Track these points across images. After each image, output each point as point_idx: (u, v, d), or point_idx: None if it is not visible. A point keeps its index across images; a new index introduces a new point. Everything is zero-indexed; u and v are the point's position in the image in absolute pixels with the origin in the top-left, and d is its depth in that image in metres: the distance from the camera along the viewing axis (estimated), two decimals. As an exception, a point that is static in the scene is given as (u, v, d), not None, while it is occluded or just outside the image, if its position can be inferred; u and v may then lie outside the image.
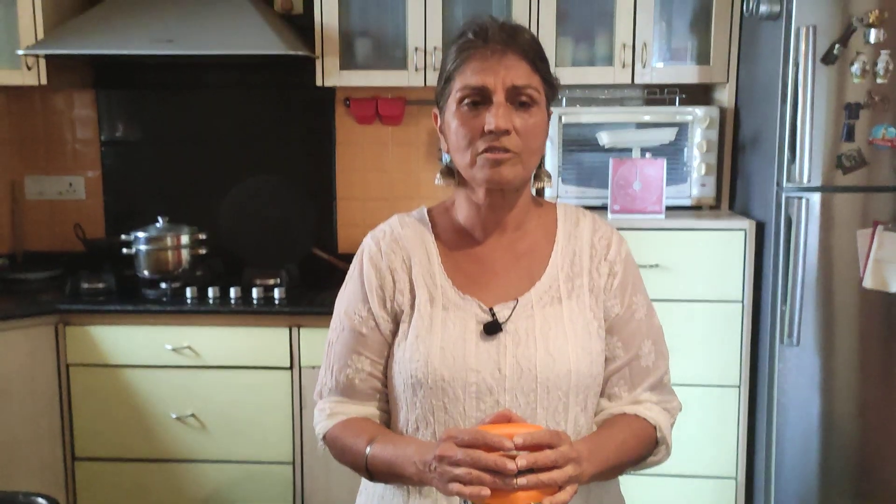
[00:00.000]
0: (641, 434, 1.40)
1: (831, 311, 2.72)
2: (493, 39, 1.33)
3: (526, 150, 1.34)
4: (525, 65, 1.34)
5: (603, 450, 1.31)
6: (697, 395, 2.89)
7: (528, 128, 1.34)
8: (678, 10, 3.18)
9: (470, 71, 1.33)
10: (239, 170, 3.54)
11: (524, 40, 1.35)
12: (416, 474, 1.26)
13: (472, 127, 1.33)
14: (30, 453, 3.00)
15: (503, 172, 1.33)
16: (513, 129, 1.32)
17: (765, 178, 2.84)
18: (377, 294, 1.44)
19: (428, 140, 3.52)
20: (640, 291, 1.47)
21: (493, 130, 1.30)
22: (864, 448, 2.78)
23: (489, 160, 1.32)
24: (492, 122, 1.30)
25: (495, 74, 1.32)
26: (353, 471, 1.42)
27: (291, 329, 2.96)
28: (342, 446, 1.42)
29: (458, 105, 1.35)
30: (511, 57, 1.33)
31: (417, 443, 1.34)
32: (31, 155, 3.62)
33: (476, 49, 1.34)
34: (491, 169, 1.33)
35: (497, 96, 1.32)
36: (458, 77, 1.35)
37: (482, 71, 1.32)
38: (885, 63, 2.60)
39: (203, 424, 3.03)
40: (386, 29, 3.25)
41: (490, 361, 1.35)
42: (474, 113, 1.33)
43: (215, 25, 3.03)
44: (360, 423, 1.44)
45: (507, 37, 1.34)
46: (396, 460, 1.31)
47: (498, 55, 1.33)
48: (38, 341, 2.98)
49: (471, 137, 1.33)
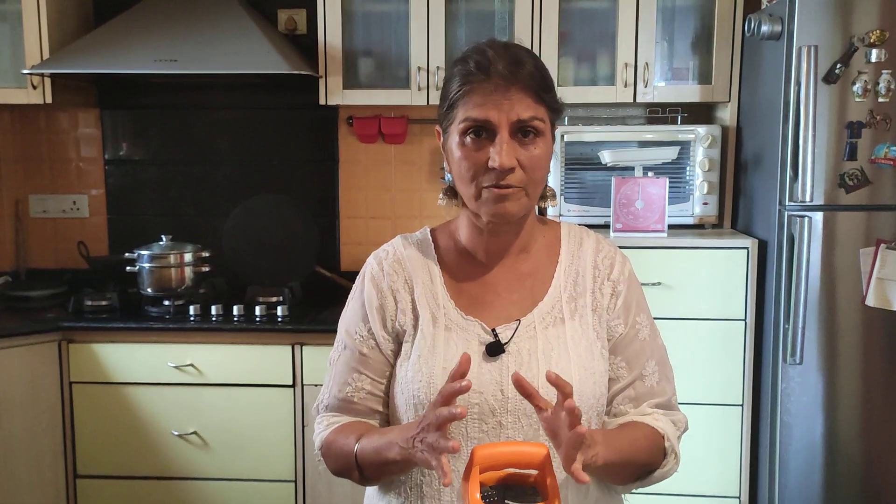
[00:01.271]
0: (651, 438, 1.39)
1: (834, 330, 2.72)
2: (497, 73, 1.29)
3: (531, 182, 1.32)
4: (529, 98, 1.30)
5: (617, 440, 1.30)
6: (701, 414, 2.88)
7: (534, 160, 1.31)
8: (680, 29, 3.19)
9: (472, 104, 1.30)
10: (242, 188, 3.55)
11: (528, 73, 1.30)
12: (400, 453, 1.25)
13: (476, 160, 1.31)
14: (32, 470, 2.99)
15: (508, 208, 1.32)
16: (517, 164, 1.29)
17: (767, 196, 2.85)
18: (378, 314, 1.44)
19: (431, 159, 3.53)
20: (644, 311, 1.47)
21: (496, 168, 1.28)
22: (868, 467, 2.76)
23: (495, 195, 1.31)
24: (496, 160, 1.28)
25: (499, 109, 1.28)
26: (347, 476, 1.42)
27: (294, 347, 2.96)
28: (335, 451, 1.42)
29: (462, 136, 1.32)
30: (515, 91, 1.29)
31: (400, 427, 1.34)
32: (35, 173, 3.64)
33: (479, 83, 1.30)
34: (495, 205, 1.32)
35: (501, 132, 1.29)
36: (461, 107, 1.31)
37: (485, 105, 1.29)
38: (887, 82, 2.61)
39: (205, 442, 3.02)
40: (389, 48, 3.26)
41: (492, 383, 1.35)
42: (477, 146, 1.31)
43: (219, 45, 3.05)
44: (352, 425, 1.43)
45: (512, 70, 1.29)
46: (381, 446, 1.31)
47: (502, 90, 1.28)
48: (42, 359, 2.99)
49: (474, 172, 1.31)
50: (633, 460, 1.34)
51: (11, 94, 3.23)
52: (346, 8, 3.19)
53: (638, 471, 1.38)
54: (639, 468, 1.38)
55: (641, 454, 1.36)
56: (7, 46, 3.26)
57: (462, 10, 3.21)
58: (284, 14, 3.44)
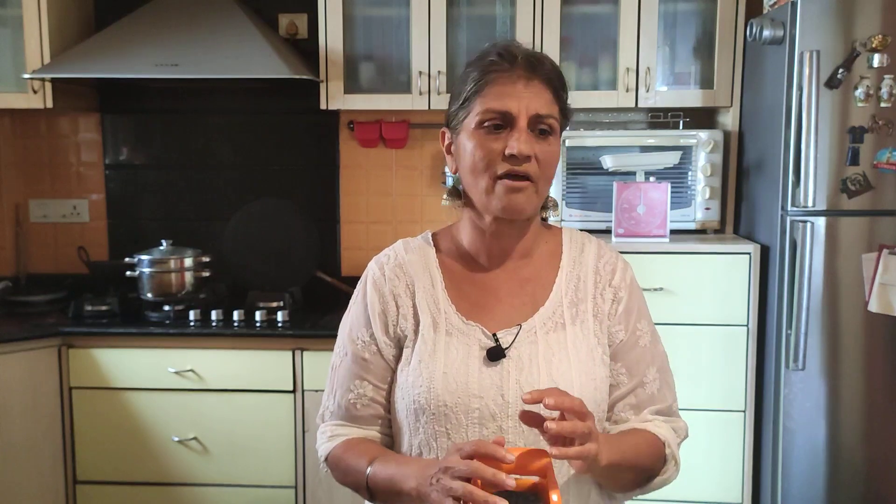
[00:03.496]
0: (652, 444, 1.39)
1: (837, 336, 2.71)
2: (520, 64, 1.32)
3: (542, 177, 1.34)
4: (549, 94, 1.33)
5: (619, 443, 1.31)
6: (703, 420, 2.88)
7: (547, 156, 1.33)
8: (681, 34, 3.19)
9: (493, 94, 1.32)
10: (243, 193, 3.55)
11: (549, 69, 1.35)
12: (415, 489, 1.25)
13: (491, 149, 1.31)
14: (31, 476, 2.98)
15: (520, 201, 1.32)
16: (533, 155, 1.31)
17: (769, 201, 2.84)
18: (380, 319, 1.44)
19: (432, 163, 3.52)
20: (645, 318, 1.46)
21: (515, 154, 1.29)
22: (871, 473, 2.75)
23: (508, 187, 1.31)
24: (515, 147, 1.29)
25: (519, 100, 1.31)
26: (355, 491, 1.41)
27: (294, 352, 2.96)
28: (345, 467, 1.42)
29: (478, 127, 1.33)
30: (536, 84, 1.32)
31: (420, 461, 1.34)
32: (35, 178, 3.63)
33: (501, 72, 1.32)
34: (508, 196, 1.32)
35: (520, 121, 1.30)
36: (480, 100, 1.33)
37: (506, 95, 1.31)
38: (889, 87, 2.60)
39: (205, 448, 3.01)
40: (390, 53, 3.26)
41: (493, 387, 1.34)
42: (494, 136, 1.32)
43: (220, 50, 3.05)
44: (362, 444, 1.43)
45: (534, 63, 1.33)
46: (397, 476, 1.30)
47: (524, 81, 1.32)
48: (41, 364, 2.98)
49: (489, 160, 1.32)
50: (634, 464, 1.34)
51: (12, 99, 3.22)
52: (348, 12, 3.19)
53: (639, 476, 1.38)
54: (640, 473, 1.38)
55: (643, 459, 1.36)
56: (8, 51, 3.26)
57: (463, 15, 3.21)
58: (286, 18, 3.44)
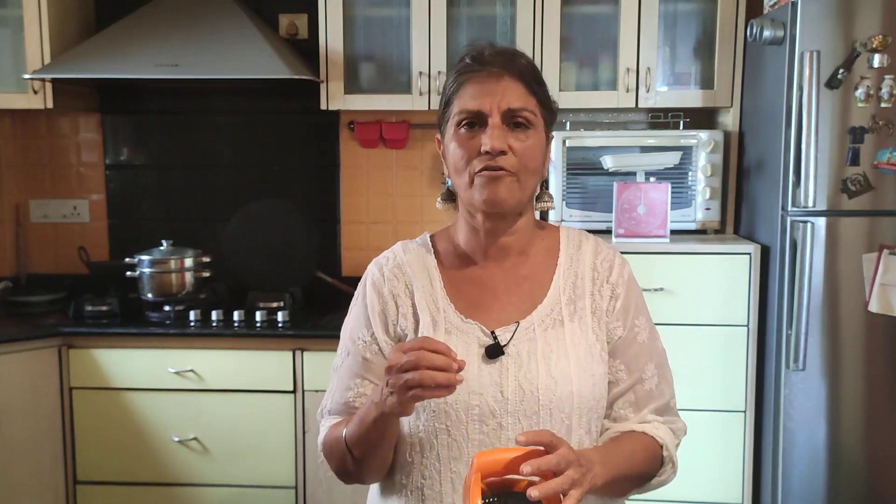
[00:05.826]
0: (649, 448, 1.40)
1: (837, 336, 2.70)
2: (490, 63, 1.36)
3: (523, 169, 1.35)
4: (521, 87, 1.36)
5: (613, 457, 1.31)
6: (703, 421, 2.88)
7: (525, 148, 1.35)
8: (682, 34, 3.19)
9: (467, 95, 1.36)
10: (243, 193, 3.55)
11: (520, 64, 1.38)
12: (376, 406, 1.27)
13: (469, 147, 1.35)
14: (32, 476, 2.98)
15: (499, 191, 1.34)
16: (509, 149, 1.33)
17: (770, 202, 2.84)
18: (380, 319, 1.45)
19: (432, 164, 3.53)
20: (643, 314, 1.47)
21: (488, 151, 1.32)
22: (872, 473, 2.75)
23: (485, 178, 1.34)
24: (487, 143, 1.32)
25: (492, 97, 1.34)
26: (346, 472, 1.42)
27: (295, 352, 2.96)
28: (330, 444, 1.43)
29: (456, 128, 1.37)
30: (507, 80, 1.35)
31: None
32: (35, 178, 3.63)
33: (473, 73, 1.37)
34: (486, 187, 1.34)
35: (493, 118, 1.33)
36: (457, 101, 1.38)
37: (479, 95, 1.35)
38: (889, 87, 2.60)
39: (205, 448, 3.01)
40: (390, 53, 3.26)
41: (492, 384, 1.35)
42: (471, 135, 1.35)
43: (220, 50, 3.05)
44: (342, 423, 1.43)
45: (504, 60, 1.37)
46: (360, 414, 1.33)
47: (495, 78, 1.35)
48: (42, 364, 2.98)
49: (468, 158, 1.35)
50: (629, 475, 1.35)
51: (12, 99, 3.22)
52: (348, 13, 3.19)
53: (635, 482, 1.40)
54: (636, 480, 1.39)
55: (638, 466, 1.37)
56: (8, 51, 3.26)
57: (463, 15, 3.21)
58: (286, 19, 3.44)
